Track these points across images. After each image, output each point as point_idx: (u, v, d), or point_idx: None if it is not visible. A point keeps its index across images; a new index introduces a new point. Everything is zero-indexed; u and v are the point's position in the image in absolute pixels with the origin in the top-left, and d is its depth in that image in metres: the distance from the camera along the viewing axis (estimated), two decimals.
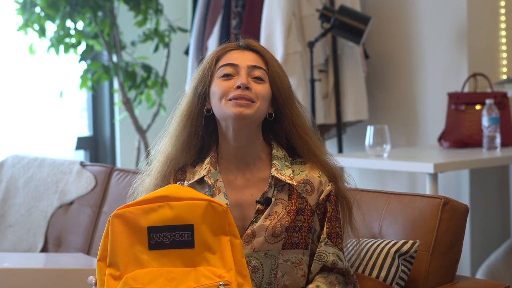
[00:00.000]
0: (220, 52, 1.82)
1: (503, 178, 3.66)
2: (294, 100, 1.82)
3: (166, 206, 1.56)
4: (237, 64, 1.78)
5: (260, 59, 1.81)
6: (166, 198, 1.57)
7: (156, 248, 1.55)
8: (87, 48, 3.83)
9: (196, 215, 1.55)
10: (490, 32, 3.65)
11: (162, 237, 1.54)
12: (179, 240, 1.54)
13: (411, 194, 2.04)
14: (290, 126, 1.80)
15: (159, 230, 1.55)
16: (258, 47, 1.83)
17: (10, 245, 2.97)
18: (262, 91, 1.76)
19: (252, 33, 3.63)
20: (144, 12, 3.82)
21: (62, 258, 2.67)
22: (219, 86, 1.77)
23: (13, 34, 3.83)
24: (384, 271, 1.88)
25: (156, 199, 1.57)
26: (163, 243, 1.54)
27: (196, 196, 1.58)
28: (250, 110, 1.74)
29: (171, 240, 1.54)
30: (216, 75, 1.79)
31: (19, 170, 3.12)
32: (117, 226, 1.56)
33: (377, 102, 3.90)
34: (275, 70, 1.80)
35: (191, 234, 1.54)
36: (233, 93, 1.75)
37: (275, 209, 1.76)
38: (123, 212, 1.57)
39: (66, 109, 4.23)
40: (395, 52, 3.84)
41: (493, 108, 3.18)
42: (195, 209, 1.56)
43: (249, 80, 1.76)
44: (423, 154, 3.34)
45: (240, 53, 1.81)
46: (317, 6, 3.58)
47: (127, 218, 1.56)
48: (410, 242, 1.90)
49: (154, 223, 1.55)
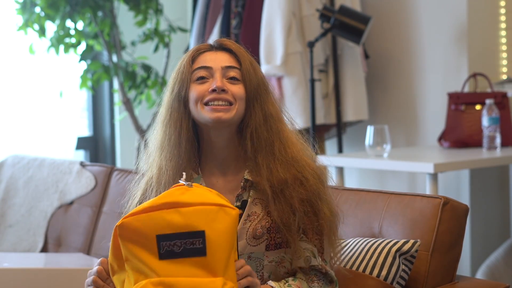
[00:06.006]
0: (194, 54, 1.78)
1: (503, 178, 3.66)
2: (264, 98, 1.75)
3: (175, 212, 1.46)
4: (211, 67, 1.74)
5: (234, 59, 1.76)
6: (175, 204, 1.47)
7: (167, 258, 1.45)
8: (87, 48, 3.83)
9: (208, 221, 1.46)
10: (490, 32, 3.65)
11: (173, 246, 1.45)
12: (190, 248, 1.45)
13: (411, 194, 2.04)
14: (258, 123, 1.73)
15: (169, 238, 1.45)
16: (231, 45, 1.78)
17: (10, 245, 2.97)
18: (239, 92, 1.73)
19: (252, 33, 3.63)
20: (144, 12, 3.82)
21: (62, 258, 2.67)
22: (194, 90, 1.73)
23: (13, 34, 3.83)
24: (385, 270, 1.88)
25: (164, 205, 1.47)
26: (173, 251, 1.45)
27: (206, 201, 1.48)
28: (229, 114, 1.70)
29: (182, 248, 1.45)
30: (192, 78, 1.75)
31: (19, 170, 3.12)
32: (124, 236, 1.48)
33: (377, 102, 3.90)
34: (246, 67, 1.75)
35: (202, 241, 1.45)
36: (208, 96, 1.71)
37: (254, 209, 1.72)
38: (129, 221, 1.48)
39: (66, 109, 4.23)
40: (395, 52, 3.84)
41: (493, 108, 3.18)
42: (207, 214, 1.46)
43: (224, 82, 1.73)
44: (423, 154, 3.34)
45: (213, 54, 1.77)
46: (317, 6, 3.58)
47: (134, 227, 1.47)
48: (411, 241, 1.90)
49: (163, 230, 1.45)
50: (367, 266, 1.90)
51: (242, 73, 1.74)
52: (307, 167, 1.74)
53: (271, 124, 1.74)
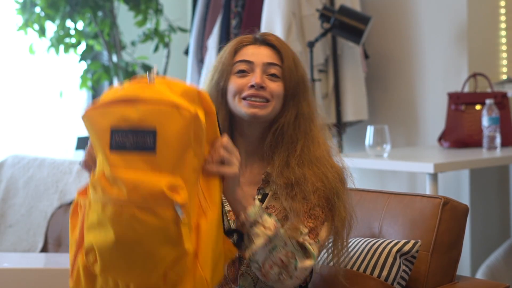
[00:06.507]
0: (237, 46, 1.79)
1: (503, 178, 3.66)
2: (300, 96, 1.76)
3: (132, 108, 1.47)
4: (252, 61, 1.76)
5: (276, 55, 1.78)
6: (134, 99, 1.48)
7: (118, 150, 1.47)
8: (87, 48, 3.84)
9: (161, 120, 1.46)
10: (490, 32, 3.65)
11: (125, 140, 1.47)
12: (141, 145, 1.46)
13: (411, 194, 2.04)
14: (287, 121, 1.75)
15: (122, 132, 1.47)
16: (274, 41, 1.80)
17: (10, 245, 2.97)
18: (277, 89, 1.74)
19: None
20: (144, 12, 3.82)
21: (62, 258, 2.66)
22: (233, 82, 1.75)
23: (13, 34, 3.83)
24: (386, 271, 1.88)
25: (123, 100, 1.49)
26: (124, 145, 1.47)
27: (164, 99, 1.47)
28: (265, 111, 1.73)
29: (134, 143, 1.46)
30: (232, 70, 1.76)
31: (19, 170, 3.12)
32: (88, 127, 1.54)
33: (377, 102, 3.90)
34: (288, 65, 1.76)
35: (153, 140, 1.45)
36: (247, 91, 1.73)
37: (272, 203, 1.74)
38: (90, 113, 1.53)
39: (66, 109, 4.23)
40: (395, 52, 3.84)
41: (493, 108, 3.18)
42: (161, 114, 1.46)
43: (264, 78, 1.74)
44: (423, 154, 3.34)
45: (256, 49, 1.78)
46: (317, 6, 3.58)
47: (94, 120, 1.52)
48: (412, 242, 1.90)
49: (118, 124, 1.47)
50: (367, 266, 1.90)
51: (283, 71, 1.76)
52: (329, 167, 1.75)
53: (300, 123, 1.76)
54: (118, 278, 1.51)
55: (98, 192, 1.48)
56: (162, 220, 1.43)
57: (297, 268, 1.64)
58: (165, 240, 1.45)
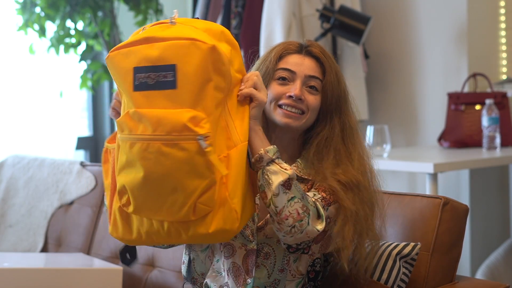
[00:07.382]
0: (282, 52, 1.81)
1: (503, 178, 3.66)
2: (343, 109, 1.78)
3: (152, 47, 1.52)
4: (295, 71, 1.78)
5: (319, 68, 1.79)
6: (154, 38, 1.52)
7: (141, 89, 1.53)
8: (87, 48, 3.84)
9: (180, 55, 1.50)
10: (490, 32, 3.65)
11: (147, 78, 1.52)
12: (162, 81, 1.51)
13: (411, 194, 2.04)
14: (333, 134, 1.77)
15: (143, 70, 1.52)
16: (319, 54, 1.81)
17: (10, 245, 2.97)
18: (314, 103, 1.77)
19: (252, 33, 3.63)
20: (144, 12, 3.82)
21: (62, 258, 2.66)
22: (273, 88, 1.77)
23: (13, 34, 3.83)
24: (386, 274, 1.88)
25: (144, 40, 1.53)
26: (147, 83, 1.52)
27: (181, 35, 1.52)
28: (298, 122, 1.75)
29: (155, 81, 1.51)
30: (274, 75, 1.79)
31: (19, 170, 3.12)
32: (111, 68, 1.58)
33: (377, 102, 3.90)
34: (330, 79, 1.78)
35: (173, 75, 1.50)
36: (284, 100, 1.76)
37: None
38: (113, 55, 1.56)
39: (66, 109, 4.23)
40: (395, 52, 3.84)
41: (493, 108, 3.18)
42: (179, 48, 1.51)
43: (303, 90, 1.76)
44: (423, 154, 3.34)
45: (301, 59, 1.80)
46: (317, 6, 3.58)
47: (117, 60, 1.56)
48: (412, 244, 1.90)
49: (140, 63, 1.52)
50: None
51: (324, 85, 1.77)
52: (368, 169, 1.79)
53: (347, 135, 1.78)
54: (151, 216, 1.56)
55: (125, 132, 1.54)
56: (187, 152, 1.48)
57: (309, 223, 1.64)
58: (192, 171, 1.50)
